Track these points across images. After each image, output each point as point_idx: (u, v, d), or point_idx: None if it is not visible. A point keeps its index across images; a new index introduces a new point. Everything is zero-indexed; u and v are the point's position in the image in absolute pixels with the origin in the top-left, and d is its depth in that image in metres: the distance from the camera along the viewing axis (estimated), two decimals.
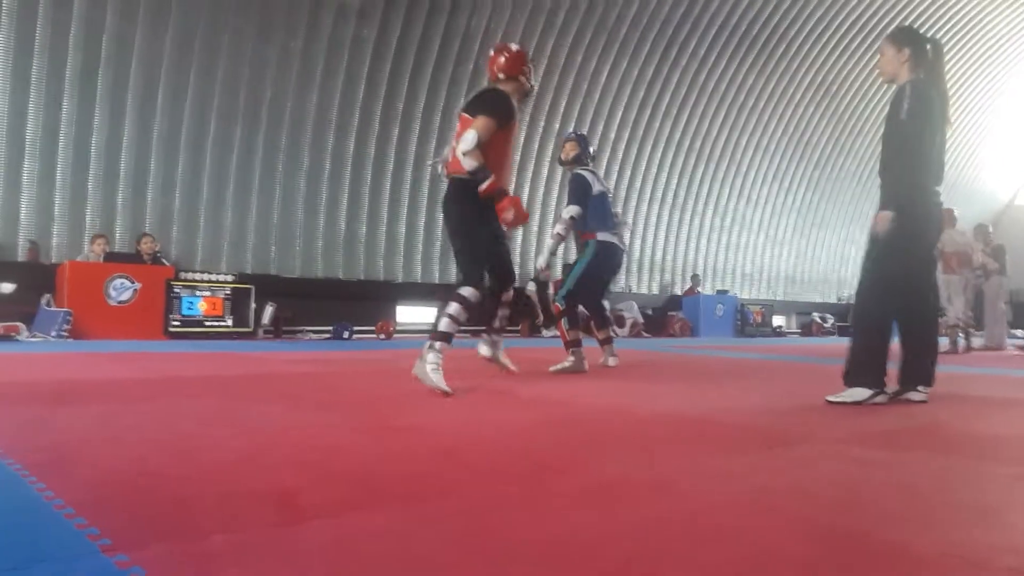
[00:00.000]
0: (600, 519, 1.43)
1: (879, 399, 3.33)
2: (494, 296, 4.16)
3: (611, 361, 5.49)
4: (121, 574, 1.08)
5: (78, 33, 8.63)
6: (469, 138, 3.50)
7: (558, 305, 5.28)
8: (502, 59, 3.92)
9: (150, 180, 9.43)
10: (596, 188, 5.32)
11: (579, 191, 5.27)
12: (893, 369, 3.50)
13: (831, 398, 3.36)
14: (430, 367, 3.42)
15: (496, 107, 3.66)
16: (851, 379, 3.38)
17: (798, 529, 1.40)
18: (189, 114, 9.55)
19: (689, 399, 3.56)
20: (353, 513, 1.45)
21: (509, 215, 3.64)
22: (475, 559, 1.19)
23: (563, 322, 5.17)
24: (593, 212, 5.28)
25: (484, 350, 4.32)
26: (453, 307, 3.62)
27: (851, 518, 1.49)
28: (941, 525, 1.46)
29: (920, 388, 3.45)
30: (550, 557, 1.20)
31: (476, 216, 3.72)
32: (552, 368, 4.93)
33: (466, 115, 3.72)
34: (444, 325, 3.58)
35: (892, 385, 3.51)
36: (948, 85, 3.65)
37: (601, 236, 5.33)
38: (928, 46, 3.44)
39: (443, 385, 3.38)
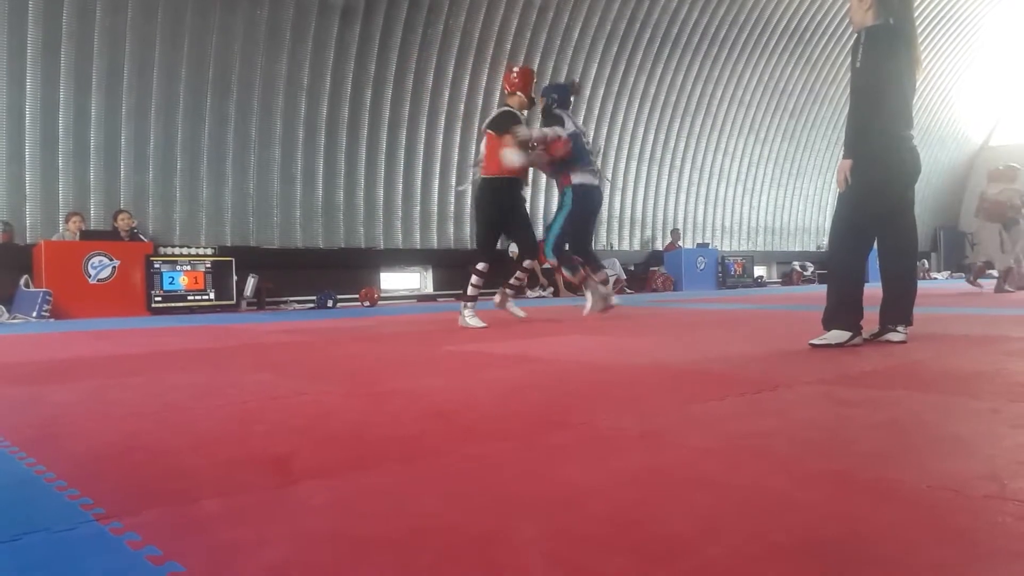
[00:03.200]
0: (594, 470, 1.46)
1: (856, 341, 3.42)
2: (518, 262, 5.59)
3: (613, 300, 5.86)
4: (116, 540, 1.09)
5: (37, 8, 8.39)
6: (511, 155, 5.06)
7: (551, 260, 5.47)
8: (513, 76, 5.50)
9: (122, 156, 9.27)
10: (569, 127, 5.51)
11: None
12: (872, 312, 3.56)
13: (813, 341, 3.46)
14: (467, 316, 5.11)
15: (513, 125, 5.20)
16: (829, 323, 3.48)
17: (786, 470, 1.43)
18: (157, 87, 9.35)
19: (675, 351, 3.60)
20: (348, 473, 1.46)
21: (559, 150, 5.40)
22: (473, 514, 1.20)
23: (565, 272, 5.50)
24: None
25: (496, 299, 5.67)
26: (473, 278, 5.26)
27: (837, 457, 1.53)
28: (923, 459, 1.50)
29: (899, 328, 3.52)
30: (547, 509, 1.22)
31: (497, 210, 5.25)
32: (585, 312, 5.54)
33: (491, 132, 5.25)
34: (470, 291, 5.26)
35: (871, 327, 3.58)
36: (920, 29, 3.66)
37: (577, 179, 5.48)
38: None
39: (479, 323, 5.02)
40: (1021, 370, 2.67)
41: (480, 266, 5.26)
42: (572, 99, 5.91)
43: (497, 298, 5.65)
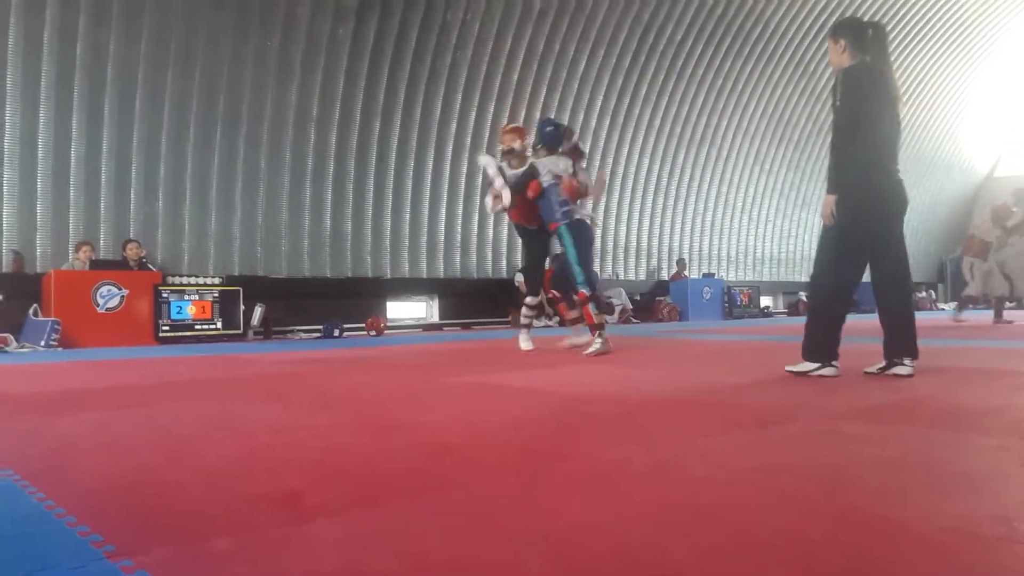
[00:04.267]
0: (601, 504, 1.46)
1: (826, 372, 3.52)
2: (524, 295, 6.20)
3: (578, 340, 5.90)
4: None
5: (52, 39, 8.53)
6: (505, 198, 5.64)
7: (584, 292, 5.47)
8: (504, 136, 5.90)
9: (132, 185, 9.36)
10: (545, 177, 5.59)
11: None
12: (876, 345, 3.58)
13: (789, 367, 3.63)
14: (522, 342, 5.89)
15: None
16: (804, 352, 3.62)
17: (796, 507, 1.43)
18: (168, 117, 9.47)
19: (681, 382, 3.60)
20: (357, 510, 1.47)
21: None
22: (480, 549, 1.21)
23: (590, 307, 5.48)
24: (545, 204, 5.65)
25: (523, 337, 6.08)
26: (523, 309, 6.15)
27: (846, 494, 1.53)
28: (933, 498, 1.49)
29: (905, 361, 3.53)
30: (555, 544, 1.22)
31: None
32: (586, 352, 5.36)
33: None
34: (523, 319, 6.16)
35: (875, 360, 3.61)
36: (924, 59, 3.81)
37: (562, 221, 5.60)
38: (869, 31, 3.59)
39: (526, 346, 5.82)
40: None
41: (529, 299, 6.07)
42: (563, 143, 5.84)
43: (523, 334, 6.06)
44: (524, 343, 5.92)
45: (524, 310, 6.14)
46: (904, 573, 1.07)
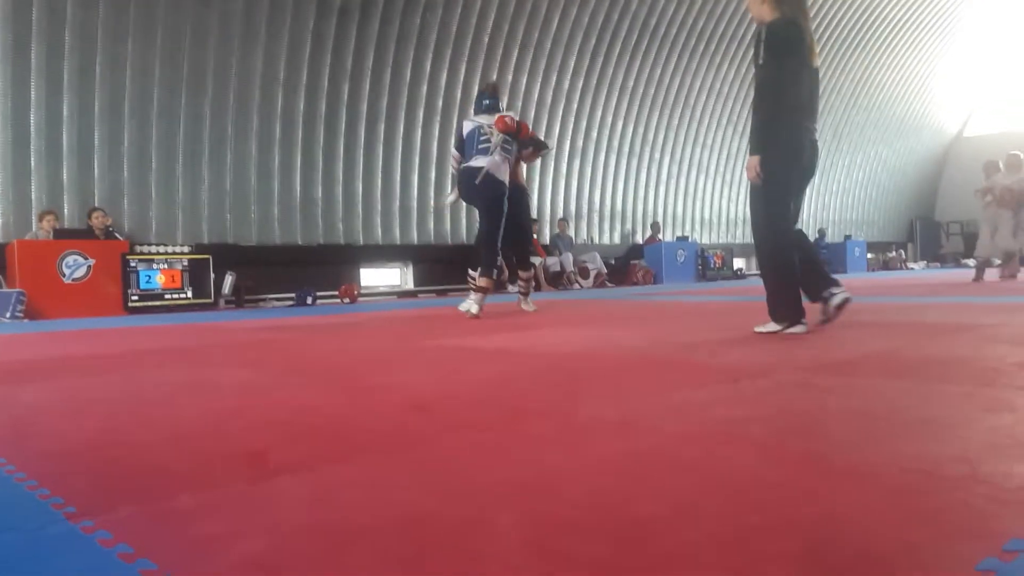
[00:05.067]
0: (573, 457, 1.46)
1: (796, 329, 3.53)
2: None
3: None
4: (87, 539, 1.07)
5: (5, 7, 8.24)
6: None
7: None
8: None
9: (95, 154, 9.13)
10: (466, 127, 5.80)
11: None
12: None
13: (757, 328, 3.64)
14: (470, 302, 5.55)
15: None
16: (771, 314, 3.62)
17: (762, 455, 1.44)
18: (130, 83, 9.21)
19: (655, 342, 3.62)
20: (326, 466, 1.45)
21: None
22: (452, 503, 1.20)
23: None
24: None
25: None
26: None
27: (813, 442, 1.54)
28: (897, 443, 1.51)
29: (833, 290, 3.57)
30: (526, 496, 1.22)
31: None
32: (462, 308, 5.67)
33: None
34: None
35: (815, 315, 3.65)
36: (897, 19, 3.77)
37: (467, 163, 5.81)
38: None
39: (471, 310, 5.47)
40: (995, 356, 2.70)
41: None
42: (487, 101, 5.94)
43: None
44: (470, 305, 5.61)
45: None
46: (870, 514, 1.08)
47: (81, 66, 8.84)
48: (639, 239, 15.23)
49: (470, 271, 5.95)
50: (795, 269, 3.58)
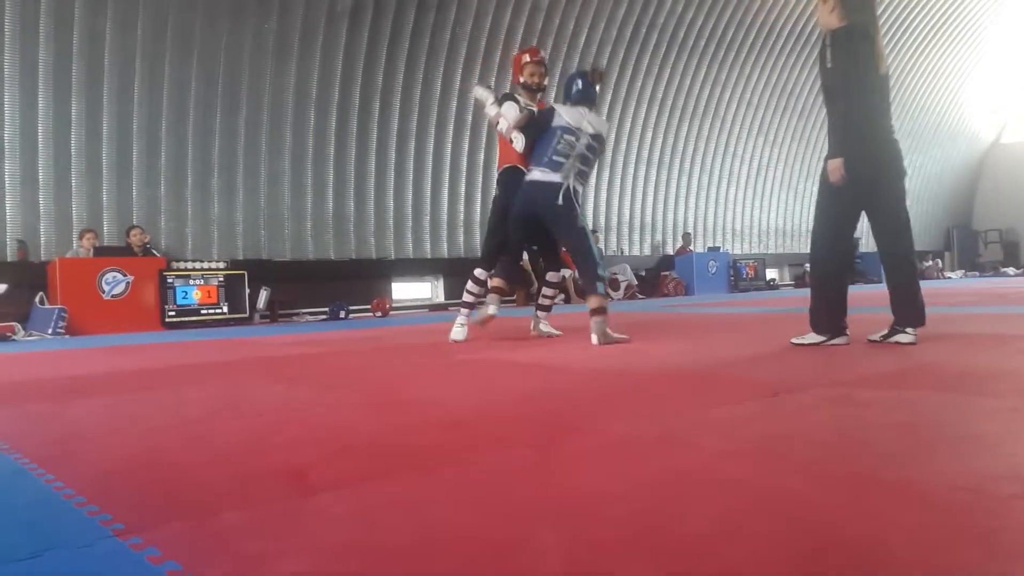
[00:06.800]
0: (612, 476, 1.45)
1: (838, 341, 3.52)
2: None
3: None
4: (136, 555, 1.09)
5: (47, 27, 8.48)
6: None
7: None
8: (511, 66, 5.18)
9: (134, 172, 9.33)
10: (559, 120, 4.48)
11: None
12: (860, 314, 3.58)
13: (794, 340, 3.62)
14: (456, 327, 4.80)
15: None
16: (811, 324, 3.61)
17: (806, 472, 1.42)
18: (167, 103, 9.42)
19: (690, 355, 3.59)
20: (366, 484, 1.46)
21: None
22: (492, 521, 1.20)
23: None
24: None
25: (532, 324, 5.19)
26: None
27: (856, 459, 1.52)
28: (943, 460, 1.48)
29: (907, 330, 3.49)
30: (566, 515, 1.21)
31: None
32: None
33: None
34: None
35: (879, 328, 3.59)
36: (929, 27, 3.72)
37: (529, 174, 4.57)
38: None
39: (458, 337, 4.72)
40: None
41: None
42: (579, 91, 4.64)
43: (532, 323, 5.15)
44: (457, 331, 4.81)
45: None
46: (919, 534, 1.06)
47: (120, 85, 9.05)
48: (669, 250, 15.14)
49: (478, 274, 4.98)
50: (842, 280, 3.58)
